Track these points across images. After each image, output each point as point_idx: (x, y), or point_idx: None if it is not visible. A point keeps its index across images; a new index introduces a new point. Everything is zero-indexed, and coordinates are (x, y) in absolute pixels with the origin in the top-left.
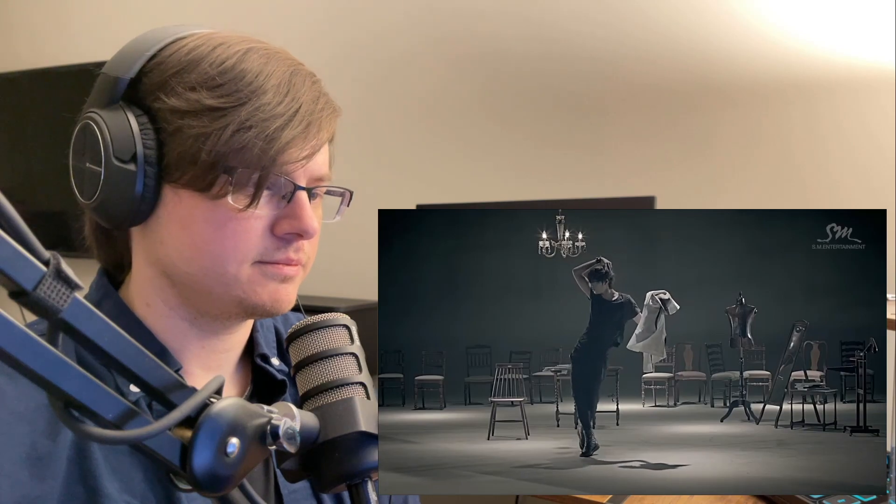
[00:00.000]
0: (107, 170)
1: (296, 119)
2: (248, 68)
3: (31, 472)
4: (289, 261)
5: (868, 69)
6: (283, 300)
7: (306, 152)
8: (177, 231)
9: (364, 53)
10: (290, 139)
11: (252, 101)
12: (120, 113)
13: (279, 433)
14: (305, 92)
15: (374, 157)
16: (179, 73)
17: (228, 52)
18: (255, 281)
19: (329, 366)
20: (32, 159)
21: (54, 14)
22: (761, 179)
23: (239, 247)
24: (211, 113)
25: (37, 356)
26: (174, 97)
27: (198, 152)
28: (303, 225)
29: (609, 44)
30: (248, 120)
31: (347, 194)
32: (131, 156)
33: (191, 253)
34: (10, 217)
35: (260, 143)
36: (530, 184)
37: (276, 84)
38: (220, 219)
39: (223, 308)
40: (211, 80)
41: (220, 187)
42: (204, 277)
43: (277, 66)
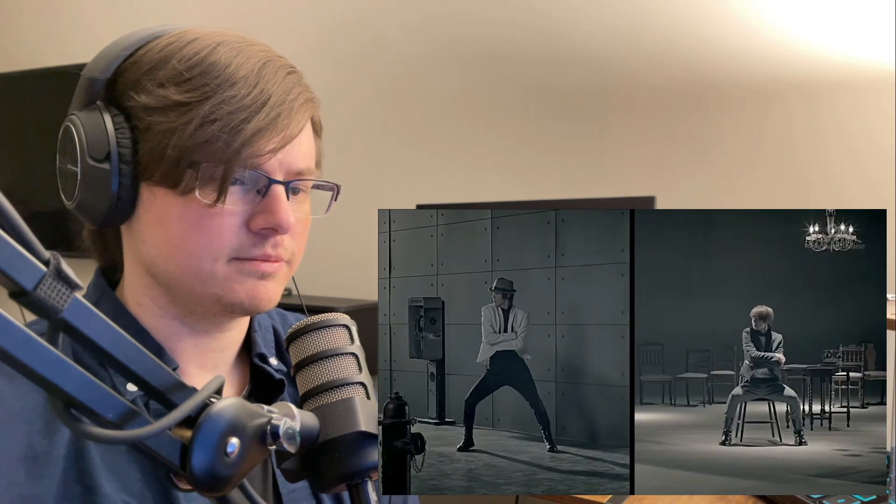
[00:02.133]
0: (83, 169)
1: (263, 110)
2: (216, 61)
3: (27, 472)
4: (266, 257)
5: (868, 69)
6: (261, 297)
7: (274, 144)
8: (154, 229)
9: (365, 55)
10: (255, 130)
11: (218, 94)
12: (96, 113)
13: (279, 433)
14: (277, 83)
15: (374, 157)
16: (151, 70)
17: (199, 46)
18: (231, 278)
19: (329, 366)
20: (32, 159)
21: (54, 14)
22: (762, 180)
23: (213, 243)
24: (178, 108)
25: (37, 356)
26: (145, 94)
27: (164, 148)
28: (277, 219)
29: (610, 44)
30: (213, 113)
31: (336, 188)
32: (105, 155)
33: (168, 251)
34: (10, 217)
35: (224, 136)
36: (530, 184)
37: (244, 75)
38: (193, 215)
39: (204, 306)
40: (179, 76)
41: (186, 182)
42: (182, 275)
43: (248, 57)
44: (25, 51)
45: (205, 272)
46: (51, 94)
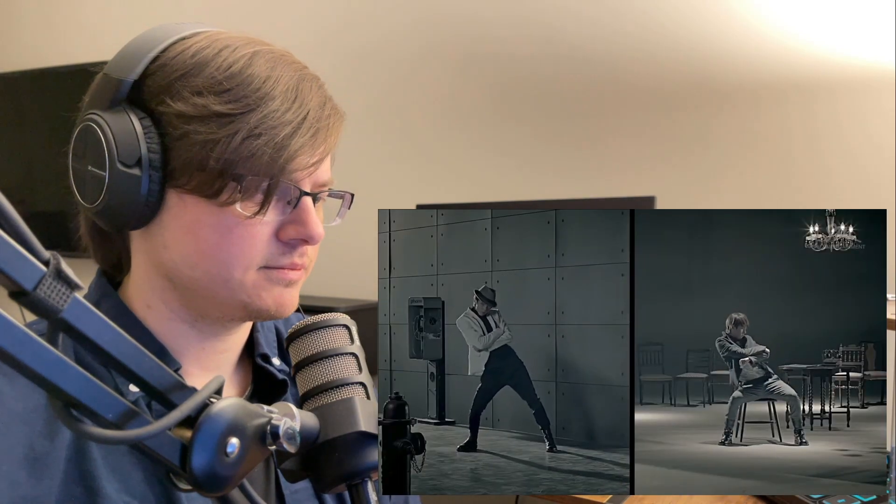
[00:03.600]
0: (111, 174)
1: (304, 126)
2: (255, 73)
3: (28, 473)
4: (293, 266)
5: (868, 69)
6: (287, 304)
7: (315, 159)
8: (181, 236)
9: (365, 55)
10: (298, 147)
11: (261, 108)
12: (123, 116)
13: (279, 433)
14: (312, 98)
15: (374, 157)
16: (185, 76)
17: (235, 55)
18: (259, 286)
19: (329, 366)
20: (32, 159)
21: (54, 14)
22: (760, 179)
23: (245, 252)
24: (219, 119)
25: (37, 356)
26: (180, 101)
27: (206, 159)
28: (309, 231)
29: (608, 44)
30: (258, 127)
31: (349, 196)
32: (136, 160)
33: (196, 258)
34: (10, 217)
35: (269, 151)
36: (530, 184)
37: (283, 90)
38: (227, 225)
39: (226, 311)
40: (218, 85)
41: (228, 194)
42: (209, 282)
43: (284, 70)
44: (25, 51)
45: (234, 280)
46: (51, 94)
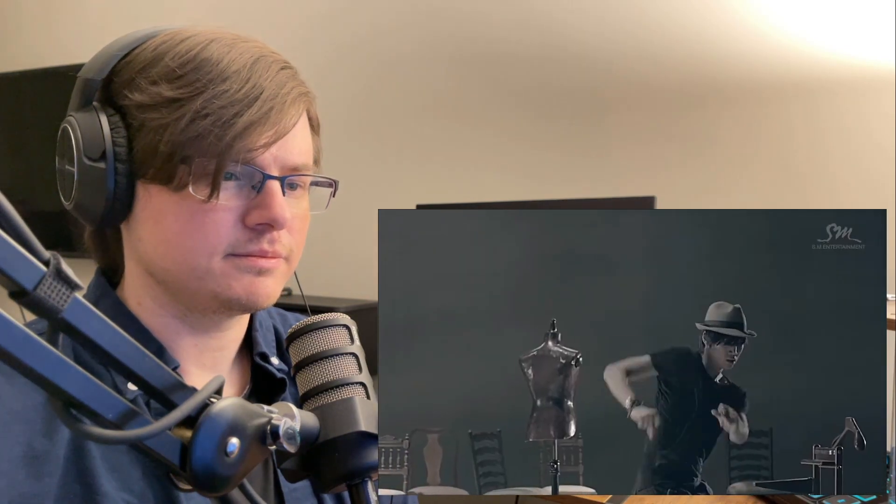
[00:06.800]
0: (79, 169)
1: (256, 104)
2: (208, 57)
3: (27, 471)
4: (263, 253)
5: (868, 69)
6: (259, 294)
7: (266, 138)
8: (151, 227)
9: (365, 53)
10: (247, 124)
11: (210, 89)
12: (92, 113)
13: (279, 433)
14: (269, 78)
15: (374, 157)
16: (145, 68)
17: (192, 43)
18: (228, 274)
19: (329, 366)
20: (32, 159)
21: (54, 14)
22: (762, 179)
23: (208, 239)
24: (170, 104)
25: (37, 356)
26: (138, 92)
27: (157, 144)
28: (271, 214)
29: (609, 43)
30: (205, 108)
31: (334, 184)
32: (101, 154)
33: (164, 248)
34: (10, 217)
35: (215, 131)
36: (530, 184)
37: (236, 70)
38: (188, 211)
39: (202, 303)
40: (172, 73)
41: (180, 178)
42: (178, 272)
43: (241, 53)
44: (25, 51)
45: (201, 268)
46: (51, 94)
